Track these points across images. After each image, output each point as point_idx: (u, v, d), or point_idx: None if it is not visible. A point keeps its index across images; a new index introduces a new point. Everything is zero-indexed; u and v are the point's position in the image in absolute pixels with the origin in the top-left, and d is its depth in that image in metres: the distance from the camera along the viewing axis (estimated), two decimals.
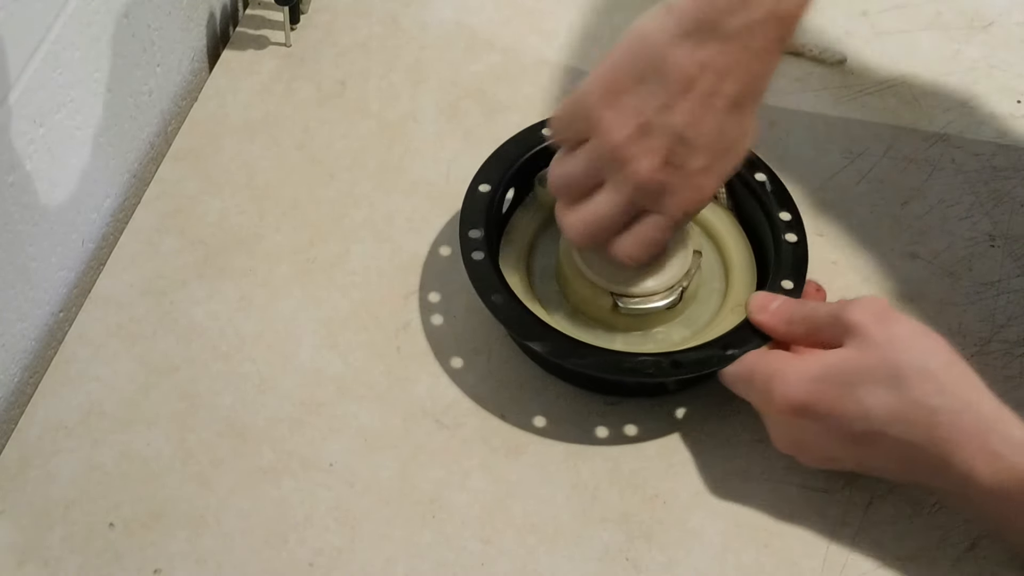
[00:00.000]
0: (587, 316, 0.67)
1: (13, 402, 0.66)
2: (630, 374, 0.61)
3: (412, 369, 0.67)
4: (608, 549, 0.60)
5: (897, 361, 0.54)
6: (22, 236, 0.64)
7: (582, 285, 0.66)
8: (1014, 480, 0.52)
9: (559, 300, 0.68)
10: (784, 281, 0.64)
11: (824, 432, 0.56)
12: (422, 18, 0.85)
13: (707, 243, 0.69)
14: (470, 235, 0.65)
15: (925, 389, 0.53)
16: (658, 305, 0.65)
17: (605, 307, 0.65)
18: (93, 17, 0.67)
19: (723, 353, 0.61)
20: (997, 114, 0.80)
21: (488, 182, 0.68)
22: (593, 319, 0.66)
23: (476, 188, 0.67)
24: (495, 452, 0.64)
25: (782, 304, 0.61)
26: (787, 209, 0.67)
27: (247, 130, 0.78)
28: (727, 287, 0.68)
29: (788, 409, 0.56)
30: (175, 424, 0.64)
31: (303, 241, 0.72)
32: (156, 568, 0.59)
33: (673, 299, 0.65)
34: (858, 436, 0.55)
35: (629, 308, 0.65)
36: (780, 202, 0.67)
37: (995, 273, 0.71)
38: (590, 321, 0.66)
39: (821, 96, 0.81)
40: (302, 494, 0.62)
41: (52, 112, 0.65)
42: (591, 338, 0.64)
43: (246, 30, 0.83)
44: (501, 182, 0.68)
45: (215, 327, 0.68)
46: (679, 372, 0.61)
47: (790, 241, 0.65)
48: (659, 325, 0.66)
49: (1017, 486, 0.52)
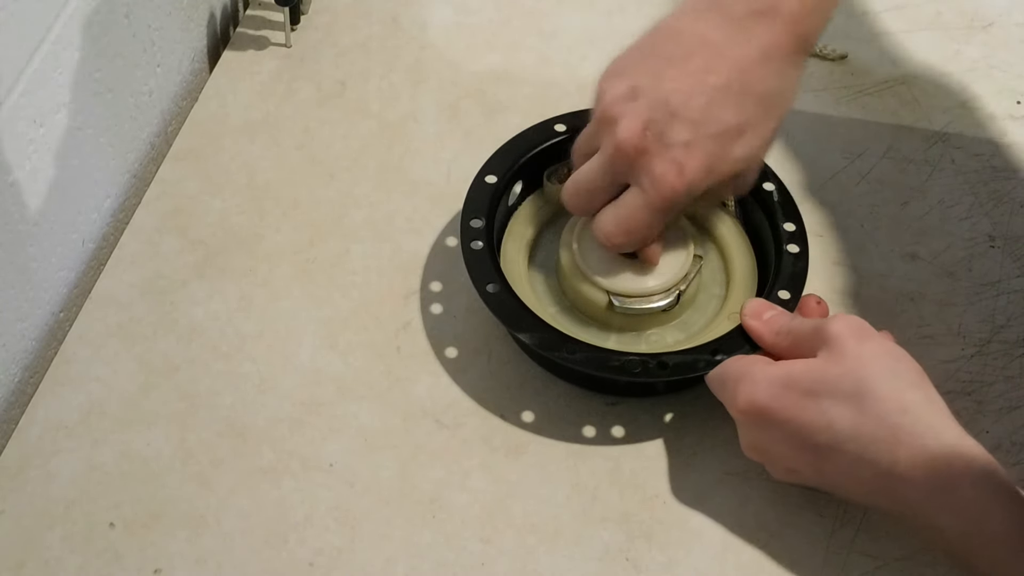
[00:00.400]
0: (583, 313, 0.67)
1: (13, 402, 0.66)
2: (616, 372, 0.61)
3: (412, 369, 0.67)
4: (608, 549, 0.60)
5: (863, 376, 0.54)
6: (22, 236, 0.64)
7: (579, 281, 0.66)
8: (972, 515, 0.51)
9: (558, 296, 0.68)
10: (781, 291, 0.63)
11: (785, 440, 0.55)
12: (422, 18, 0.85)
13: (712, 250, 0.69)
14: (471, 224, 0.66)
15: (888, 407, 0.53)
16: (653, 306, 0.65)
17: (600, 305, 0.65)
18: (93, 17, 0.67)
19: (711, 358, 0.61)
20: (997, 114, 0.80)
21: (495, 173, 0.68)
22: (589, 316, 0.66)
23: (482, 179, 0.68)
24: (495, 452, 0.64)
25: (776, 315, 0.61)
26: (792, 220, 0.66)
27: (247, 130, 0.78)
28: (727, 294, 0.67)
29: (749, 410, 0.56)
30: (175, 424, 0.64)
31: (303, 241, 0.72)
32: (156, 568, 0.59)
33: (669, 301, 0.65)
34: (819, 448, 0.54)
35: (624, 307, 0.65)
36: (786, 213, 0.67)
37: (995, 273, 0.71)
38: (585, 319, 0.66)
39: (821, 96, 0.81)
40: (302, 494, 0.62)
41: (52, 112, 0.65)
42: (584, 335, 0.64)
43: (246, 30, 0.83)
44: (507, 173, 0.68)
45: (215, 327, 0.68)
46: (664, 374, 0.61)
47: (792, 252, 0.65)
48: (654, 327, 0.66)
49: (975, 523, 0.51)
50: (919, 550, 0.60)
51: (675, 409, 0.65)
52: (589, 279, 0.65)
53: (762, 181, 0.67)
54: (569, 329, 0.64)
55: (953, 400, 0.65)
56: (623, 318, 0.65)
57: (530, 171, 0.69)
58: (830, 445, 0.54)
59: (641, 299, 0.65)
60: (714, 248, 0.69)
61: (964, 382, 0.67)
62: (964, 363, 0.67)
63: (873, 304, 0.70)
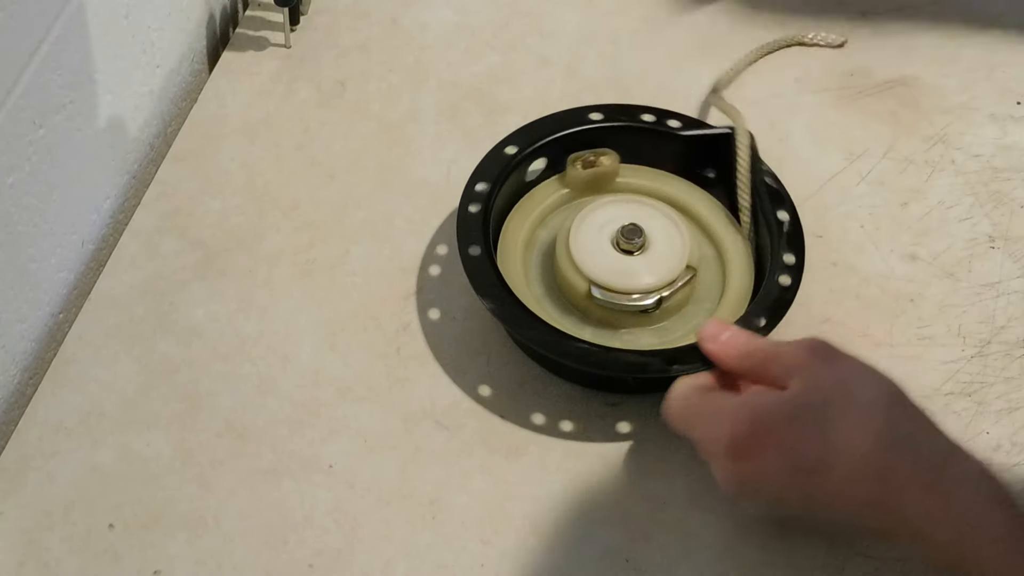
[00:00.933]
0: (567, 299, 0.67)
1: (13, 403, 0.66)
2: (564, 356, 0.61)
3: (412, 370, 0.67)
4: (608, 549, 0.60)
5: (844, 393, 0.53)
6: (22, 237, 0.64)
7: (566, 264, 0.66)
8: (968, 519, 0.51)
9: (549, 279, 0.68)
10: (758, 319, 0.63)
11: (774, 464, 0.54)
12: (422, 18, 0.85)
13: (716, 266, 0.69)
14: (476, 188, 0.67)
15: (878, 422, 0.52)
16: (630, 304, 0.65)
17: (581, 292, 0.65)
18: (93, 17, 0.67)
19: (665, 365, 0.61)
20: (997, 114, 0.80)
21: (516, 145, 0.69)
22: (571, 303, 0.67)
23: (502, 150, 0.69)
24: (495, 453, 0.64)
25: (733, 335, 0.60)
26: (794, 252, 0.66)
27: (247, 131, 0.78)
28: (716, 310, 0.67)
29: (738, 439, 0.54)
30: (175, 424, 0.64)
31: (303, 241, 0.72)
32: (156, 569, 0.59)
33: (648, 304, 0.65)
34: (810, 468, 0.53)
35: (602, 299, 0.65)
36: (791, 244, 0.66)
37: (995, 274, 0.71)
38: (568, 305, 0.67)
39: (821, 96, 0.81)
40: (302, 495, 0.62)
41: (52, 113, 0.65)
42: (561, 322, 0.65)
43: (246, 31, 0.83)
44: (528, 147, 0.69)
45: (215, 328, 0.68)
46: (607, 369, 0.61)
47: (782, 284, 0.64)
48: (632, 327, 0.66)
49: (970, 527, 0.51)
50: None
51: None
52: (575, 264, 0.65)
53: (777, 209, 0.67)
54: (546, 311, 0.65)
55: (953, 401, 0.66)
56: (602, 311, 0.66)
57: (555, 151, 0.70)
58: (822, 461, 0.53)
59: (621, 295, 0.65)
60: (718, 263, 0.69)
61: (964, 383, 0.67)
62: (964, 364, 0.67)
63: (873, 304, 0.70)
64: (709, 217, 0.70)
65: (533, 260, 0.69)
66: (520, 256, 0.68)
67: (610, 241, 0.66)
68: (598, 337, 0.65)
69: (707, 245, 0.70)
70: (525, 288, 0.66)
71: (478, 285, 0.64)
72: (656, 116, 0.72)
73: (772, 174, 0.69)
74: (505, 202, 0.70)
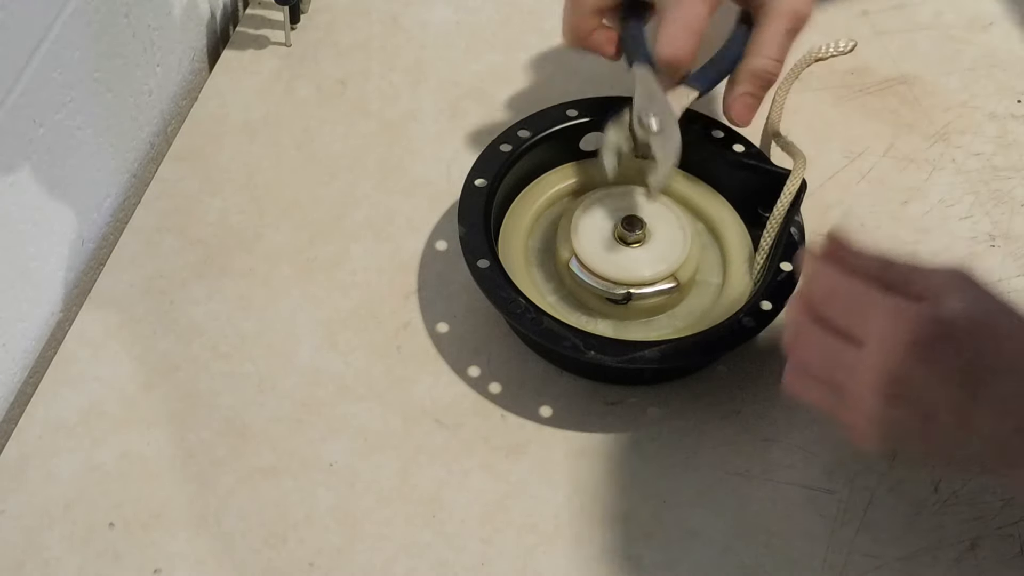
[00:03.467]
0: (555, 267, 0.68)
1: (13, 402, 0.66)
2: (542, 336, 0.61)
3: (412, 369, 0.67)
4: (608, 549, 0.60)
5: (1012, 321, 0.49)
6: (22, 236, 0.64)
7: (564, 226, 0.67)
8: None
9: (549, 257, 0.69)
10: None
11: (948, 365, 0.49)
12: (422, 18, 0.85)
13: (713, 293, 0.68)
14: (502, 146, 0.69)
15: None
16: (598, 287, 0.65)
17: (563, 259, 0.67)
18: (93, 17, 0.67)
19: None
20: (997, 114, 0.80)
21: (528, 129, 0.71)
22: (558, 274, 0.68)
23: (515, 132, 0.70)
24: (495, 452, 0.64)
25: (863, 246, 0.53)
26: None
27: (247, 130, 0.78)
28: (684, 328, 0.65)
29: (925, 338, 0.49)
30: (175, 424, 0.64)
31: (303, 241, 0.72)
32: (156, 568, 0.59)
33: (616, 294, 0.65)
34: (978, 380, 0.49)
35: (576, 273, 0.66)
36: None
37: (995, 273, 0.71)
38: (553, 279, 0.68)
39: (821, 96, 0.81)
40: (302, 494, 0.62)
41: (52, 112, 0.65)
42: (540, 292, 0.66)
43: (246, 30, 0.83)
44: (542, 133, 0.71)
45: (215, 327, 0.68)
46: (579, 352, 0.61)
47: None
48: (599, 314, 0.66)
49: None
50: (919, 550, 0.60)
51: (675, 409, 0.65)
52: (566, 233, 0.67)
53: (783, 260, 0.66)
54: (531, 283, 0.66)
55: None
56: (576, 287, 0.66)
57: None
58: (994, 370, 0.49)
59: (593, 276, 0.65)
60: (716, 292, 0.68)
61: None
62: None
63: None
64: (735, 245, 0.69)
65: (536, 239, 0.70)
66: (526, 232, 0.69)
67: (612, 225, 0.67)
68: (559, 313, 0.65)
69: (716, 272, 0.68)
70: (522, 256, 0.68)
71: (469, 252, 0.64)
72: (725, 133, 0.71)
73: (800, 225, 0.67)
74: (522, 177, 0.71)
